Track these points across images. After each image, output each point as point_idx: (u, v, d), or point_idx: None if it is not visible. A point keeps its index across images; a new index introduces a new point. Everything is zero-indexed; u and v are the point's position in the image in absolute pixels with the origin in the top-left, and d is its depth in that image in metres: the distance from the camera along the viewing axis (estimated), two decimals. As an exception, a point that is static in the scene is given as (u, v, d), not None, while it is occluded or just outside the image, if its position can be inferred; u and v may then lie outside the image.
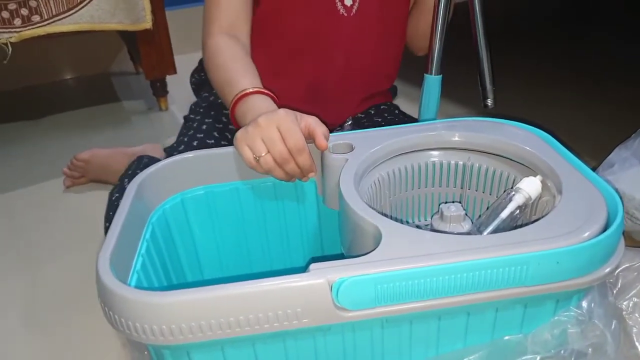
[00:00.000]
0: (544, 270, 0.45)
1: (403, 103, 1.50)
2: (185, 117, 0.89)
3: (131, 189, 0.58)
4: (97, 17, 1.28)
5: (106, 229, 0.77)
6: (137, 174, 0.64)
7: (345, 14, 0.82)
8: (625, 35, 1.91)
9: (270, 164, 0.57)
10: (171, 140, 1.10)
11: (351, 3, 0.82)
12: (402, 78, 1.63)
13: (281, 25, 0.82)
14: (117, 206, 0.57)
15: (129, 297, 0.43)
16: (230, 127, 0.82)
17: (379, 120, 0.89)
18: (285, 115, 0.58)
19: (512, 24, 2.15)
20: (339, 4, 0.81)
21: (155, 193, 0.62)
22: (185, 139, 0.80)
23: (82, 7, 1.26)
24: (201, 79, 0.97)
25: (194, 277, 0.68)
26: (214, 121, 0.82)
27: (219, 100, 0.86)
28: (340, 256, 0.60)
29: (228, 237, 0.69)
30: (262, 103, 0.66)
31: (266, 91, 0.68)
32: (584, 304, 0.51)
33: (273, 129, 0.57)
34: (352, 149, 0.62)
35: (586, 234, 0.46)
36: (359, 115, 0.92)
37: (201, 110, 0.86)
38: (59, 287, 0.94)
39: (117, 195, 0.80)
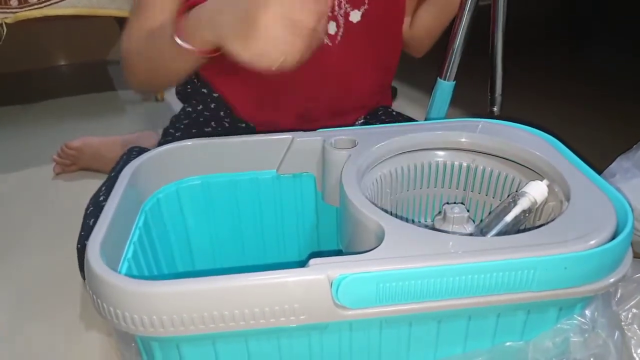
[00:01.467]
0: (550, 275, 0.43)
1: (403, 104, 1.49)
2: (164, 130, 0.85)
3: (125, 174, 0.56)
4: (95, 2, 1.26)
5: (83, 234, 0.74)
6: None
7: (330, 43, 0.79)
8: (630, 47, 1.91)
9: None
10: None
11: (335, 30, 0.79)
12: (403, 80, 1.63)
13: None
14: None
15: (119, 285, 0.41)
16: None
17: (375, 122, 0.88)
18: None
19: (519, 29, 2.15)
20: None
21: (150, 180, 0.60)
22: None
23: None
24: (186, 91, 0.93)
25: (185, 268, 0.66)
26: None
27: (201, 119, 0.83)
28: (337, 253, 0.58)
29: (222, 228, 0.67)
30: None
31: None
32: (587, 312, 0.49)
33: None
34: (355, 144, 0.60)
35: (595, 241, 0.44)
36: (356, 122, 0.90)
37: (182, 126, 0.82)
38: (42, 276, 0.92)
39: (103, 197, 0.77)
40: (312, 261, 0.43)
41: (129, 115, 1.53)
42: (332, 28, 0.79)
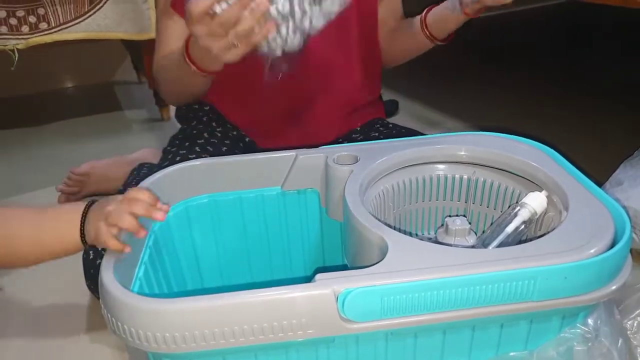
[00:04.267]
0: (551, 285, 0.44)
1: (405, 118, 1.51)
2: (164, 149, 0.90)
3: (135, 195, 0.58)
4: (103, 26, 1.29)
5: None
6: (134, 186, 0.62)
7: None
8: (625, 54, 1.93)
9: None
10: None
11: None
12: (404, 94, 1.65)
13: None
14: None
15: (131, 303, 0.43)
16: (204, 155, 0.82)
17: (376, 134, 0.89)
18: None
19: (516, 41, 2.17)
20: None
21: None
22: None
23: (90, 15, 1.27)
24: (182, 112, 0.97)
25: (194, 286, 0.68)
26: (187, 152, 0.82)
27: (194, 131, 0.88)
28: (342, 267, 0.59)
29: (230, 246, 0.68)
30: None
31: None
32: (590, 321, 0.50)
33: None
34: (357, 160, 0.62)
35: (593, 250, 0.46)
36: (353, 135, 0.92)
37: (177, 142, 0.87)
38: (52, 294, 0.93)
39: None
40: (318, 276, 0.44)
41: (136, 135, 1.54)
42: None
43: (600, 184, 0.56)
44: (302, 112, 0.87)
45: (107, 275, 0.45)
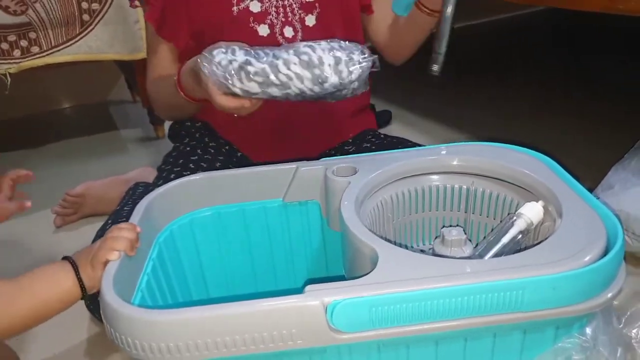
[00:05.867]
0: (540, 295, 0.44)
1: (399, 128, 1.50)
2: (158, 168, 0.91)
3: (139, 209, 0.60)
4: (95, 48, 1.30)
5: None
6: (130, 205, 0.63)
7: None
8: (615, 59, 1.90)
9: None
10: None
11: (293, 34, 0.84)
12: (398, 104, 1.65)
13: None
14: None
15: (128, 314, 0.44)
16: (198, 172, 0.83)
17: (368, 145, 0.89)
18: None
19: (507, 49, 2.14)
20: (279, 37, 0.83)
21: (163, 214, 0.64)
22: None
23: (81, 38, 1.28)
24: (175, 130, 0.99)
25: (199, 297, 0.69)
26: (182, 169, 0.83)
27: (188, 148, 0.89)
28: (344, 277, 0.60)
29: (234, 257, 0.70)
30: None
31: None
32: (588, 330, 0.50)
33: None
34: (355, 172, 0.63)
35: (585, 259, 0.46)
36: (345, 147, 0.92)
37: (171, 160, 0.89)
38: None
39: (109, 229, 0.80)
40: (307, 287, 0.45)
41: (131, 154, 1.55)
42: (289, 32, 0.84)
43: (592, 188, 0.55)
44: (291, 125, 0.88)
45: (107, 288, 0.47)
